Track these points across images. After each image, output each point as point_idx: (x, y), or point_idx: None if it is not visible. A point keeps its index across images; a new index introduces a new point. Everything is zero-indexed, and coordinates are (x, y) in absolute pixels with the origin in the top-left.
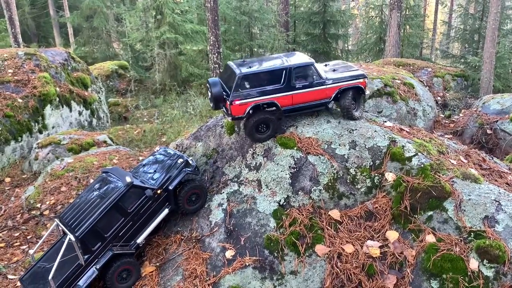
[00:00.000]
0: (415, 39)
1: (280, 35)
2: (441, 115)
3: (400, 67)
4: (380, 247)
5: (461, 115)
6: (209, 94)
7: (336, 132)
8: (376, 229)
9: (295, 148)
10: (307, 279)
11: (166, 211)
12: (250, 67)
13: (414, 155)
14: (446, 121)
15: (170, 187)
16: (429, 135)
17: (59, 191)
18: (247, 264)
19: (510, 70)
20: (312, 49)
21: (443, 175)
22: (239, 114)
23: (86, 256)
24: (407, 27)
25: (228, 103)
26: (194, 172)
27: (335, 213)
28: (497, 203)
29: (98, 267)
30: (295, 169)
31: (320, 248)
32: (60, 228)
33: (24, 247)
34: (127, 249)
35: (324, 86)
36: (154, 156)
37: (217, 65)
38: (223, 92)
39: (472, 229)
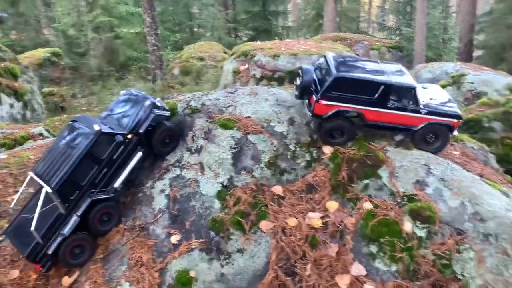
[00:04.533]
0: (352, 13)
1: (220, 14)
2: None
3: (338, 41)
4: (322, 217)
5: None
6: (298, 80)
7: (274, 110)
8: (317, 201)
9: (235, 128)
10: (254, 255)
11: (139, 154)
12: (348, 70)
13: None
14: None
15: (141, 131)
16: None
17: None
18: (194, 247)
19: (441, 40)
20: (252, 27)
21: (376, 144)
22: (320, 114)
23: (65, 205)
24: (344, 1)
25: (315, 99)
26: (162, 113)
27: (277, 189)
28: (427, 167)
29: (79, 214)
30: (236, 149)
31: (264, 224)
32: (35, 181)
33: None
34: (105, 194)
35: (417, 115)
36: (120, 100)
37: (155, 47)
38: (313, 85)
39: (405, 194)
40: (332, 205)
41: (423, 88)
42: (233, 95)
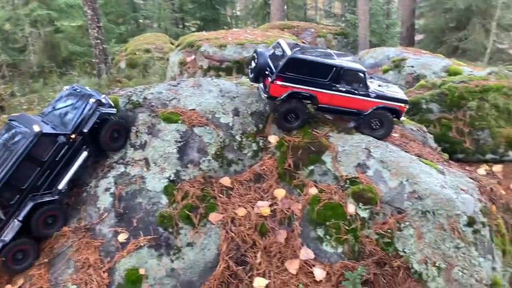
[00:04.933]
0: (299, 1)
1: (165, 4)
2: None
3: (285, 30)
4: (270, 205)
5: None
6: (252, 64)
7: (219, 101)
8: (265, 190)
9: (179, 121)
10: (204, 247)
11: (84, 154)
12: (302, 53)
13: None
14: None
15: (85, 130)
16: None
17: None
18: (142, 244)
19: (384, 25)
20: (200, 17)
21: (320, 131)
22: (275, 95)
23: (4, 210)
24: None
25: (270, 80)
26: (108, 111)
27: (226, 181)
28: (367, 150)
29: (20, 219)
30: (182, 143)
31: (214, 216)
32: None
33: None
34: (49, 196)
35: (366, 98)
36: (64, 96)
37: (99, 41)
38: (268, 68)
39: (348, 177)
40: (280, 192)
41: (371, 77)
42: (176, 87)
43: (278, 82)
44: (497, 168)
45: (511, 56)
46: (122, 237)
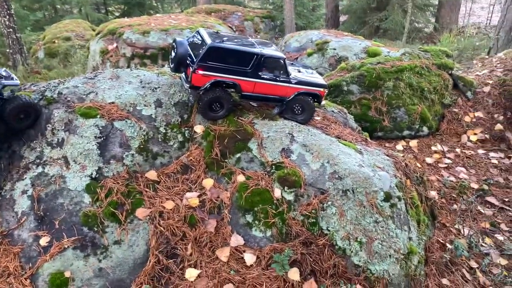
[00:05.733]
0: None
1: None
2: None
3: (212, 13)
4: (199, 196)
5: None
6: (172, 54)
7: (139, 93)
8: (193, 181)
9: (98, 116)
10: (132, 244)
11: None
12: (222, 41)
13: None
14: None
15: None
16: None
17: None
18: (66, 246)
19: (310, 8)
20: (124, 1)
21: (245, 118)
22: (198, 85)
23: None
24: None
25: (191, 70)
26: (11, 83)
27: (151, 174)
28: (291, 135)
29: None
30: (102, 138)
31: (140, 212)
32: None
33: None
34: None
35: (287, 85)
36: None
37: (11, 30)
38: (189, 59)
39: (273, 162)
40: (208, 182)
41: (292, 63)
42: (93, 80)
43: (200, 72)
44: (413, 143)
45: (427, 34)
46: (44, 241)
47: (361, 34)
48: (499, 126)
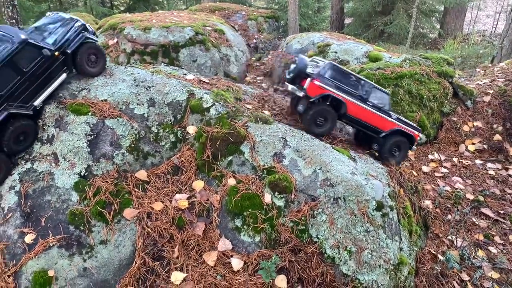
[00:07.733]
0: None
1: None
2: (253, 58)
3: (216, 12)
4: (188, 198)
5: (269, 56)
6: (292, 67)
7: (132, 91)
8: (183, 182)
9: (89, 113)
10: (118, 245)
11: (64, 75)
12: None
13: (212, 105)
14: (257, 64)
15: (68, 51)
16: (228, 84)
17: None
18: (51, 244)
19: (315, 9)
20: None
21: (238, 121)
22: (311, 94)
23: None
24: None
25: (308, 80)
26: (92, 38)
27: (141, 174)
28: (284, 140)
29: None
30: (93, 136)
31: (128, 212)
32: None
33: None
34: (24, 109)
35: (387, 118)
36: (47, 19)
37: (14, 21)
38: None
39: (265, 167)
40: (198, 184)
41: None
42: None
43: (317, 82)
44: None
45: (432, 40)
46: (29, 238)
47: (365, 38)
48: (497, 137)
